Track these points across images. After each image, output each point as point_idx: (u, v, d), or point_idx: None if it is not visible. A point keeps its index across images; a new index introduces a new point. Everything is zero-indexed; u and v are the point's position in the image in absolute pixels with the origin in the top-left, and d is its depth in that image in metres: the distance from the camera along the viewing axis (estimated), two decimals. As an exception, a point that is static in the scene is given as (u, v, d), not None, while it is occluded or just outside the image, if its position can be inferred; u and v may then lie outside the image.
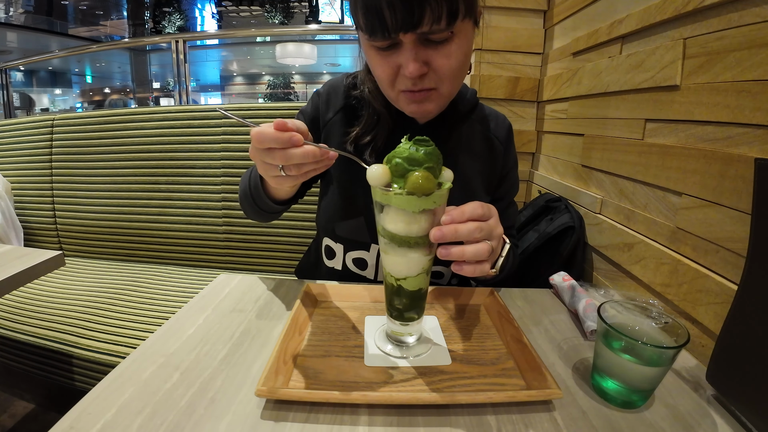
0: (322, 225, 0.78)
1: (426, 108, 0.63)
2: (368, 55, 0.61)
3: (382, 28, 0.54)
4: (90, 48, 4.35)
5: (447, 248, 0.47)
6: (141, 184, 1.44)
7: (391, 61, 0.58)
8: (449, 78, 0.60)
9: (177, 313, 0.60)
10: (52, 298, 1.16)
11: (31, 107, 10.45)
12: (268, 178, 0.51)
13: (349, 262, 0.76)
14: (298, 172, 0.48)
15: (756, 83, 0.51)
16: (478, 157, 0.75)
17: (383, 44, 0.57)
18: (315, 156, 0.46)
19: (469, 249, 0.47)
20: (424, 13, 0.52)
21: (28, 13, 12.23)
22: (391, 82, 0.61)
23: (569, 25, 1.10)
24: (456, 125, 0.73)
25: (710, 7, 0.59)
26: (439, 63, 0.57)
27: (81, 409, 0.41)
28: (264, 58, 13.72)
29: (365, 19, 0.55)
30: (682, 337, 0.43)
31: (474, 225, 0.47)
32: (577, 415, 0.43)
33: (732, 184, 0.54)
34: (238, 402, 0.43)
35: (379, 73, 0.61)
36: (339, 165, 0.71)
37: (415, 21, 0.52)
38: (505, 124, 0.80)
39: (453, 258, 0.47)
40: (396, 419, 0.42)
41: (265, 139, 0.44)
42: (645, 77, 0.73)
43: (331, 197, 0.75)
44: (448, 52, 0.57)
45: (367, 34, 0.56)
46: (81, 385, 0.98)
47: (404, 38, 0.55)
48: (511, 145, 0.80)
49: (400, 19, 0.52)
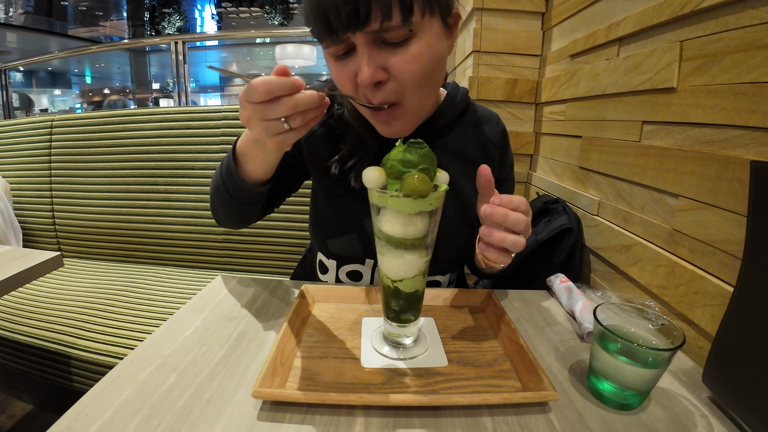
0: (314, 240, 0.76)
1: (396, 128, 0.58)
2: (330, 68, 0.56)
3: (329, 30, 0.49)
4: (89, 49, 4.35)
5: (491, 230, 0.46)
6: (140, 185, 1.44)
7: (347, 69, 0.53)
8: (413, 87, 0.53)
9: (174, 315, 0.60)
10: (51, 299, 1.16)
11: (30, 108, 10.46)
12: (270, 138, 0.46)
13: (342, 276, 0.75)
14: (303, 120, 0.44)
15: (753, 85, 0.51)
16: (472, 165, 0.65)
17: (337, 50, 0.52)
18: (318, 100, 0.44)
19: (510, 238, 0.46)
20: (371, 7, 0.46)
21: (27, 14, 12.24)
22: (354, 94, 0.55)
23: (567, 27, 1.10)
24: (446, 132, 0.69)
25: (707, 10, 0.59)
26: (398, 67, 0.51)
27: (79, 409, 0.41)
28: (263, 59, 13.74)
29: (314, 23, 0.51)
30: (677, 338, 0.44)
31: (522, 217, 0.46)
32: (573, 416, 0.43)
33: (728, 186, 0.54)
34: (235, 403, 0.43)
35: (339, 84, 0.56)
36: (329, 178, 0.67)
37: (362, 18, 0.47)
38: (499, 126, 0.76)
39: (494, 241, 0.46)
40: (392, 421, 0.42)
41: (272, 87, 0.41)
42: (642, 79, 0.73)
43: (324, 212, 0.72)
44: (409, 55, 0.51)
45: (318, 40, 0.52)
46: (79, 386, 0.98)
47: (356, 40, 0.50)
48: (507, 148, 0.77)
49: (344, 17, 0.47)
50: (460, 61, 1.47)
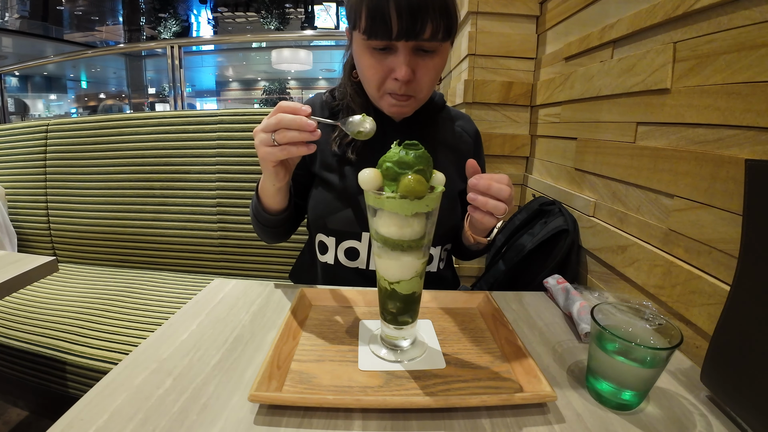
0: (313, 222, 0.80)
1: (404, 110, 0.71)
2: (361, 56, 0.66)
3: (386, 33, 0.59)
4: (85, 53, 4.36)
5: (476, 195, 0.55)
6: (136, 189, 1.44)
7: (384, 64, 0.64)
8: (427, 88, 0.68)
9: (170, 319, 0.60)
10: (46, 304, 1.15)
11: (25, 113, 10.42)
12: (259, 148, 0.57)
13: (341, 255, 0.77)
14: (284, 139, 0.54)
15: (746, 85, 0.52)
16: (451, 148, 0.82)
17: (379, 44, 0.61)
18: (301, 123, 0.53)
19: (491, 202, 0.55)
20: (426, 25, 0.57)
21: (23, 18, 12.22)
22: (379, 84, 0.67)
23: (561, 30, 1.10)
24: (428, 121, 0.81)
25: (700, 11, 0.60)
26: (423, 74, 0.64)
27: (73, 415, 0.41)
28: (260, 63, 13.75)
29: (370, 21, 0.59)
30: (675, 338, 0.44)
31: (505, 187, 0.55)
32: (572, 417, 0.43)
33: (723, 185, 0.54)
34: (231, 407, 0.43)
35: (369, 74, 0.66)
36: (326, 164, 0.77)
37: (418, 31, 0.58)
38: (471, 123, 0.89)
39: (479, 204, 0.55)
40: (390, 423, 0.42)
41: (281, 111, 0.54)
42: (636, 81, 0.74)
43: (321, 194, 0.78)
44: (432, 65, 0.64)
45: (365, 35, 0.60)
46: (74, 392, 0.97)
47: (401, 44, 0.60)
48: (480, 146, 0.89)
49: (405, 27, 0.57)
50: (456, 65, 1.47)
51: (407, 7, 0.56)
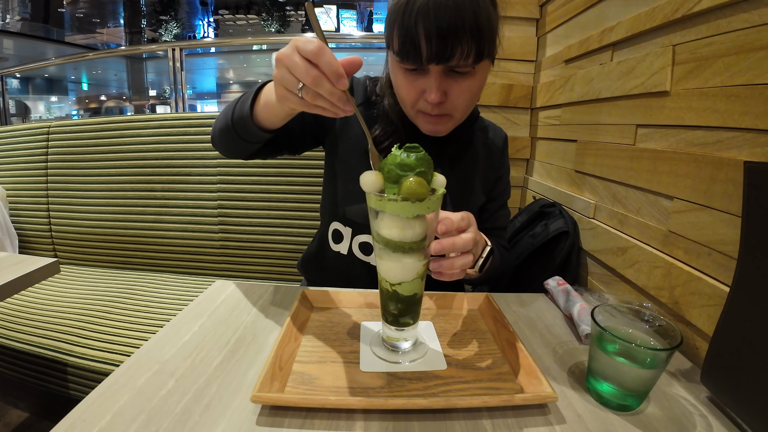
0: (329, 209, 0.80)
1: (439, 129, 0.69)
2: (396, 74, 0.66)
3: (416, 57, 0.58)
4: (86, 55, 4.36)
5: (438, 261, 0.53)
6: (137, 191, 1.44)
7: (417, 85, 0.63)
8: (463, 108, 0.66)
9: (172, 320, 0.60)
10: (47, 306, 1.15)
11: (26, 115, 10.43)
12: (278, 87, 0.49)
13: (355, 247, 0.77)
14: (312, 100, 0.46)
15: (745, 88, 0.52)
16: (478, 161, 0.81)
17: (410, 66, 0.61)
18: (336, 97, 0.45)
19: (458, 261, 0.53)
20: (456, 50, 0.57)
21: (24, 21, 12.26)
22: (413, 103, 0.66)
23: (561, 33, 1.11)
24: (460, 133, 0.78)
25: (699, 14, 0.60)
26: (457, 95, 0.63)
27: (76, 416, 0.41)
28: (260, 66, 13.77)
29: (401, 45, 0.59)
30: (675, 339, 0.44)
31: (469, 238, 0.53)
32: (573, 418, 0.43)
33: (722, 187, 0.54)
34: (234, 408, 0.43)
35: (403, 93, 0.66)
36: (351, 151, 0.76)
37: (447, 56, 0.57)
38: (501, 134, 0.86)
39: (444, 270, 0.53)
40: (392, 424, 0.42)
41: (322, 59, 0.43)
42: (636, 83, 0.74)
43: (341, 181, 0.78)
44: (467, 86, 0.63)
45: (398, 58, 0.61)
46: (76, 393, 0.97)
47: (432, 67, 0.60)
48: (506, 154, 0.87)
49: (434, 52, 0.57)
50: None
51: (436, 31, 0.55)
